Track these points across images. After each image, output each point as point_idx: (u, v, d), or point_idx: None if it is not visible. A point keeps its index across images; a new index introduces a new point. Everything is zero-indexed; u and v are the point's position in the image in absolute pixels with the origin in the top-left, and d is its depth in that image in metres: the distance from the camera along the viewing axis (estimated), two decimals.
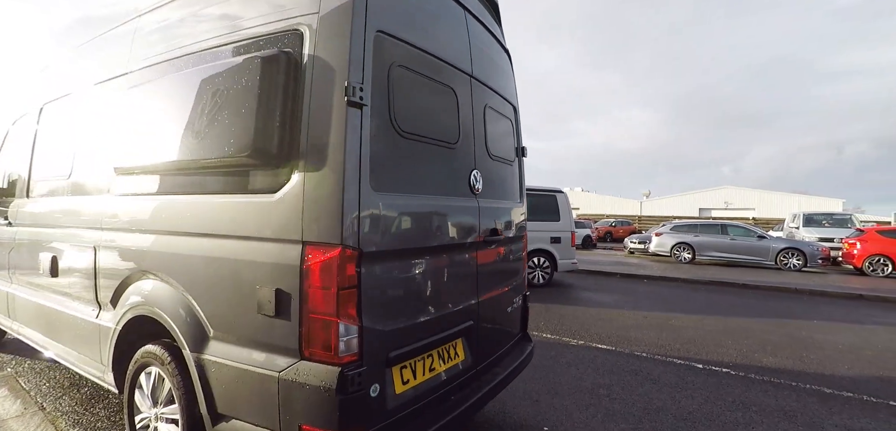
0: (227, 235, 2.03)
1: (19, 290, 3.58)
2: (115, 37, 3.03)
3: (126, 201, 2.58)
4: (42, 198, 3.40)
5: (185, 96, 2.25)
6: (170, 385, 2.27)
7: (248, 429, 1.95)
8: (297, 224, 1.81)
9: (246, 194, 1.99)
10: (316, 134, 1.80)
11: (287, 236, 1.83)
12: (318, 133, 1.80)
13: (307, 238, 1.78)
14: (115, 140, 2.68)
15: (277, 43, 1.97)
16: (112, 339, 2.57)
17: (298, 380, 1.78)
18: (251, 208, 1.96)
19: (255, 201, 1.95)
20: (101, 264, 2.68)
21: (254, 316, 1.91)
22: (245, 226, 1.97)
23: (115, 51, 2.96)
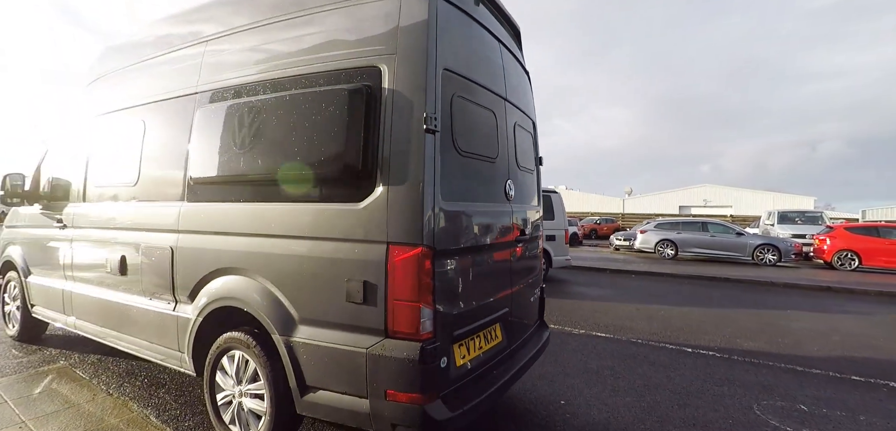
0: (313, 236, 2.43)
1: (78, 287, 3.88)
2: (179, 58, 3.35)
3: (204, 207, 2.93)
4: (103, 203, 3.70)
5: (265, 117, 2.64)
6: (254, 365, 2.66)
7: (335, 397, 2.36)
8: (382, 228, 2.22)
9: (331, 202, 2.40)
10: (397, 154, 2.22)
11: (372, 238, 2.24)
12: (398, 153, 2.22)
13: (391, 239, 2.20)
14: (190, 153, 3.03)
15: (357, 77, 2.38)
16: (192, 329, 2.93)
17: (384, 354, 2.20)
18: (337, 215, 2.36)
19: (341, 209, 2.35)
20: (178, 263, 3.03)
21: (342, 304, 2.31)
22: (331, 229, 2.37)
23: (180, 71, 3.29)
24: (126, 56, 3.90)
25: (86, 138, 4.01)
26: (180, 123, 3.16)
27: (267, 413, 2.60)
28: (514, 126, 3.22)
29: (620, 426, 3.26)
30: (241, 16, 3.01)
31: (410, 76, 2.25)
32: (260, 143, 2.65)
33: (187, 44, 3.34)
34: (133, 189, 3.44)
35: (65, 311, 4.05)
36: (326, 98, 2.40)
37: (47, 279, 4.26)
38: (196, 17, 3.37)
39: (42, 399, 3.42)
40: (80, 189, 3.94)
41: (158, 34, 3.68)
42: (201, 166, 2.96)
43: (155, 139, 3.37)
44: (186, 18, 3.45)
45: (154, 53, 3.58)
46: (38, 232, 4.40)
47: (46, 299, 4.28)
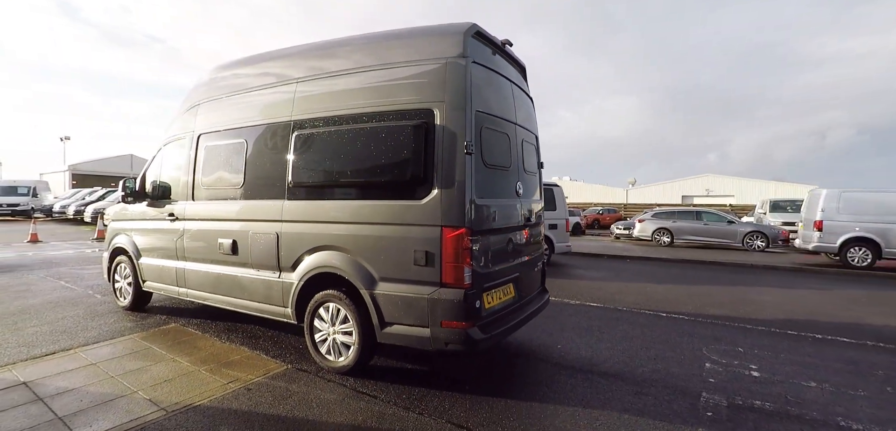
0: (388, 222, 3.64)
1: (190, 265, 5.12)
2: (274, 93, 4.54)
3: (302, 204, 4.15)
4: (213, 201, 4.93)
5: (349, 139, 3.86)
6: (345, 312, 3.89)
7: (405, 328, 3.60)
8: (437, 216, 3.43)
9: (400, 199, 3.61)
10: (447, 168, 3.42)
11: (431, 223, 3.46)
12: (448, 167, 3.42)
13: (444, 223, 3.41)
14: (289, 164, 4.24)
15: (417, 115, 3.58)
16: (296, 290, 4.17)
17: (440, 298, 3.42)
18: (405, 208, 3.57)
19: (408, 204, 3.56)
20: (283, 244, 4.26)
21: (410, 266, 3.53)
22: (401, 217, 3.58)
23: (276, 103, 4.48)
24: (222, 90, 5.10)
25: (191, 150, 5.24)
26: (280, 142, 4.38)
27: (355, 343, 3.85)
28: (522, 142, 4.42)
29: (600, 359, 4.49)
30: (326, 65, 4.20)
31: (456, 117, 3.45)
32: (347, 158, 3.87)
33: (281, 83, 4.52)
34: (240, 190, 4.66)
35: (177, 284, 5.31)
36: (396, 129, 3.62)
37: (159, 260, 5.51)
38: (288, 62, 4.56)
39: (172, 345, 4.68)
40: (189, 189, 5.17)
41: (253, 73, 4.87)
42: (299, 173, 4.18)
43: (258, 153, 4.58)
44: (279, 63, 4.64)
45: (250, 89, 4.78)
46: (148, 224, 5.65)
47: (159, 275, 5.54)
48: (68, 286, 7.44)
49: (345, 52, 4.14)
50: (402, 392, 3.64)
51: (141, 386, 3.66)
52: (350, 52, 4.10)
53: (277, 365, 4.17)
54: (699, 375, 4.17)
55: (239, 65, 5.11)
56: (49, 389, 3.60)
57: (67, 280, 7.95)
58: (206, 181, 5.04)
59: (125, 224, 6.04)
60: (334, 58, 4.19)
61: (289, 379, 3.86)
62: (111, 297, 6.65)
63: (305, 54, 4.46)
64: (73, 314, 5.80)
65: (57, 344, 4.65)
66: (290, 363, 4.23)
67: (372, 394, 3.60)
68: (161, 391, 3.59)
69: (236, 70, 5.08)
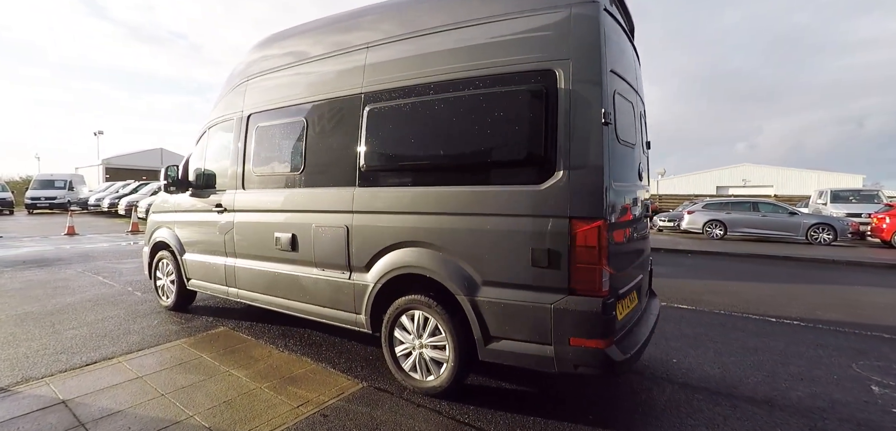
0: (496, 213, 2.92)
1: (241, 262, 4.53)
2: (340, 62, 3.87)
3: (379, 191, 3.46)
4: (268, 190, 4.30)
5: (440, 113, 3.13)
6: (435, 322, 3.20)
7: (518, 344, 2.88)
8: (563, 205, 2.69)
9: (512, 184, 2.88)
10: (579, 143, 2.67)
11: (554, 213, 2.72)
12: (580, 142, 2.67)
13: (574, 214, 2.67)
14: (362, 144, 3.56)
15: (531, 79, 2.83)
16: (371, 294, 3.50)
17: (568, 308, 2.69)
18: (519, 195, 2.84)
19: (523, 190, 2.83)
20: (354, 239, 3.59)
21: (525, 268, 2.80)
22: (513, 207, 2.85)
23: (343, 74, 3.80)
24: (275, 63, 4.45)
25: (239, 133, 4.62)
26: (348, 119, 3.69)
27: (449, 361, 3.15)
28: (641, 114, 3.62)
29: (735, 379, 3.68)
30: (404, 24, 3.49)
31: (587, 78, 2.69)
32: (437, 135, 3.16)
33: (347, 50, 3.83)
34: (300, 177, 4.02)
35: (227, 283, 4.73)
36: (503, 97, 2.88)
37: (205, 256, 4.94)
38: (354, 24, 3.87)
39: (225, 354, 4.09)
40: (238, 177, 4.56)
41: (310, 41, 4.21)
42: (373, 155, 3.49)
43: (320, 133, 3.92)
44: (344, 26, 3.95)
45: (309, 59, 4.11)
46: (193, 216, 5.08)
47: (205, 273, 4.97)
48: (107, 283, 7.01)
49: (430, 6, 3.41)
50: (514, 424, 2.93)
51: (197, 410, 3.06)
52: (437, 6, 3.37)
53: (351, 383, 3.52)
54: (874, 403, 3.33)
55: (294, 34, 4.45)
56: (92, 411, 3.03)
57: (105, 276, 7.55)
58: (258, 168, 4.43)
59: (167, 217, 5.50)
60: (416, 14, 3.47)
61: (369, 402, 3.20)
62: (152, 295, 6.16)
63: (378, 14, 3.76)
64: (113, 314, 5.31)
65: (98, 351, 4.12)
66: (364, 379, 3.58)
67: (477, 426, 2.91)
68: (221, 416, 2.98)
69: (291, 40, 4.43)
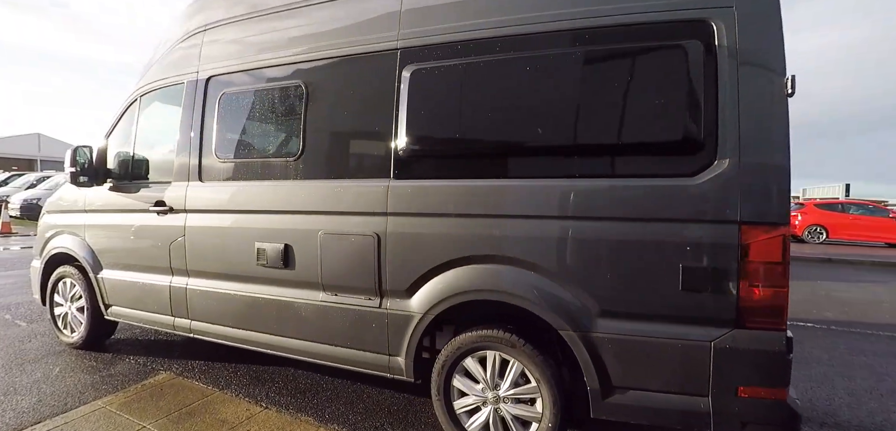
0: (622, 217, 2.12)
1: (200, 283, 3.25)
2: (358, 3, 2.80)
3: (429, 186, 2.49)
4: (241, 182, 3.08)
5: (531, 76, 2.27)
6: (520, 366, 2.32)
7: (656, 397, 2.10)
8: (729, 205, 1.96)
9: (646, 177, 2.09)
10: (751, 121, 1.95)
11: (715, 217, 1.98)
12: (753, 120, 1.95)
13: (746, 218, 1.94)
14: (399, 119, 2.55)
15: (679, 32, 2.06)
16: (416, 328, 2.52)
17: (737, 347, 1.96)
18: (663, 191, 2.06)
19: (664, 185, 2.05)
20: (389, 252, 2.57)
21: (669, 292, 2.04)
22: (653, 207, 2.07)
23: (365, 21, 2.74)
24: (251, 2, 3.22)
25: (194, 104, 3.32)
26: (376, 84, 2.67)
27: (543, 420, 2.30)
28: None
29: None
30: None
31: (760, 34, 1.98)
32: (530, 109, 2.28)
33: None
34: (295, 165, 2.89)
35: (173, 312, 3.40)
36: (632, 55, 2.10)
37: (137, 274, 3.55)
38: None
39: (180, 419, 2.83)
40: (193, 165, 3.27)
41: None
42: (420, 135, 2.52)
43: (330, 103, 2.84)
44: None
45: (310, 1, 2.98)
46: (116, 219, 3.65)
47: (137, 297, 3.58)
48: None
49: None
50: None
51: None
52: None
53: None
54: None
55: None
56: None
57: None
58: (225, 152, 3.20)
59: (73, 219, 3.95)
60: None
61: None
62: (46, 326, 4.48)
63: None
64: None
65: None
66: None
67: None
68: None
69: None
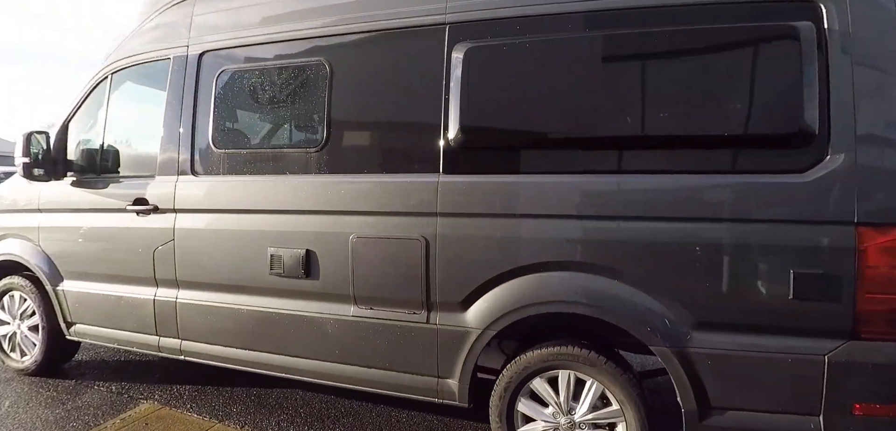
0: (723, 217, 1.90)
1: (195, 296, 2.75)
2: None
3: (489, 182, 2.18)
4: (248, 177, 2.62)
5: (614, 61, 2.02)
6: (601, 386, 2.06)
7: (760, 417, 1.91)
8: (844, 205, 1.77)
9: (753, 173, 1.88)
10: (869, 111, 1.77)
11: (831, 216, 1.79)
12: (870, 111, 1.78)
13: (864, 219, 1.76)
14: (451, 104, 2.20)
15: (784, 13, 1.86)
16: (471, 345, 2.20)
17: (853, 360, 1.79)
18: (767, 189, 1.85)
19: (773, 182, 1.85)
20: (441, 258, 2.22)
21: (782, 301, 1.83)
22: (757, 207, 1.86)
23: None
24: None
25: (184, 82, 2.81)
26: (419, 63, 2.33)
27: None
28: None
29: None
30: None
31: (875, 16, 1.81)
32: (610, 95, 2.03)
33: None
34: (318, 156, 2.49)
35: (158, 331, 2.88)
36: (736, 37, 1.90)
37: (111, 286, 3.00)
38: None
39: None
40: (184, 157, 2.77)
41: None
42: (480, 125, 2.21)
43: (360, 84, 2.47)
44: None
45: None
46: (82, 219, 3.06)
47: (109, 314, 3.02)
48: None
49: None
50: None
51: None
52: None
53: None
54: None
55: None
56: None
57: None
58: (227, 140, 2.75)
59: (22, 220, 3.31)
60: None
61: None
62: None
63: None
64: None
65: None
66: None
67: None
68: None
69: None
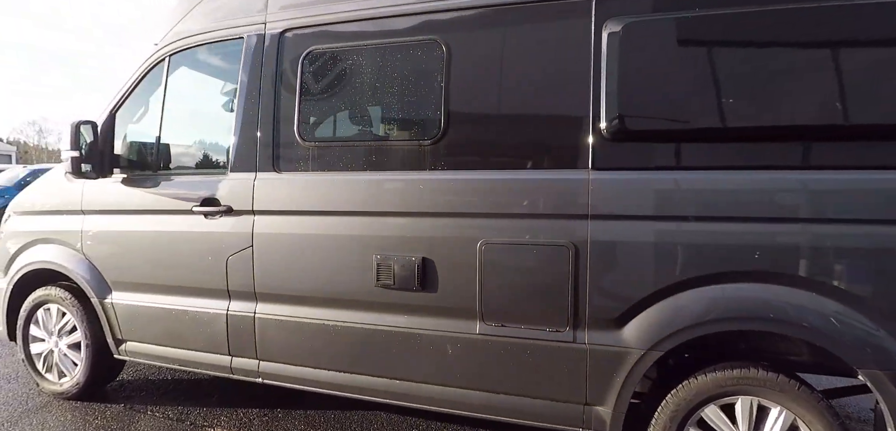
0: None
1: (280, 311, 2.40)
2: None
3: (655, 179, 1.87)
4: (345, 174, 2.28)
5: (818, 36, 1.71)
6: (791, 415, 1.77)
7: None
8: None
9: None
10: None
11: None
12: None
13: None
14: (604, 88, 1.89)
15: None
16: (630, 368, 1.89)
17: None
18: None
19: None
20: (594, 267, 1.90)
21: None
22: None
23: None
24: None
25: (260, 65, 2.44)
26: (562, 42, 2.00)
27: None
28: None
29: None
30: None
31: None
32: (809, 80, 1.74)
33: None
34: (433, 149, 2.15)
35: (232, 350, 2.52)
36: None
37: (176, 299, 2.62)
38: None
39: None
40: (264, 150, 2.40)
41: None
42: (642, 114, 1.89)
43: (483, 68, 2.14)
44: None
45: None
46: (138, 222, 2.69)
47: (170, 331, 2.65)
48: None
49: None
50: None
51: None
52: None
53: None
54: None
55: None
56: None
57: None
58: (316, 132, 2.42)
59: (61, 223, 2.90)
60: None
61: None
62: (13, 367, 3.34)
63: None
64: None
65: None
66: None
67: None
68: None
69: None
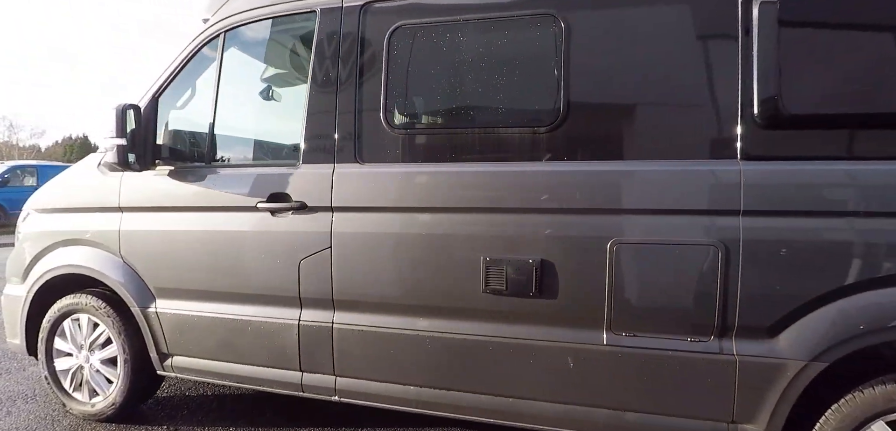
0: None
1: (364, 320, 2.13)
2: None
3: (826, 170, 1.68)
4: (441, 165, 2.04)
5: None
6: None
7: None
8: None
9: None
10: None
11: None
12: None
13: None
14: (759, 69, 1.70)
15: None
16: (788, 383, 1.70)
17: None
18: None
19: None
20: (746, 268, 1.71)
21: None
22: None
23: None
24: None
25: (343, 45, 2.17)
26: (700, 18, 1.81)
27: None
28: None
29: None
30: None
31: None
32: None
33: None
34: (549, 138, 1.93)
35: (304, 365, 2.24)
36: None
37: (236, 308, 2.33)
38: None
39: None
40: (344, 138, 2.14)
41: None
42: (800, 93, 1.70)
43: (608, 47, 1.93)
44: None
45: None
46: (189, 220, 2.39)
47: (228, 344, 2.36)
48: None
49: None
50: None
51: None
52: None
53: None
54: None
55: None
56: None
57: None
58: (407, 118, 2.18)
59: (94, 222, 2.57)
60: None
61: None
62: (30, 385, 2.97)
63: None
64: None
65: None
66: None
67: None
68: None
69: None
